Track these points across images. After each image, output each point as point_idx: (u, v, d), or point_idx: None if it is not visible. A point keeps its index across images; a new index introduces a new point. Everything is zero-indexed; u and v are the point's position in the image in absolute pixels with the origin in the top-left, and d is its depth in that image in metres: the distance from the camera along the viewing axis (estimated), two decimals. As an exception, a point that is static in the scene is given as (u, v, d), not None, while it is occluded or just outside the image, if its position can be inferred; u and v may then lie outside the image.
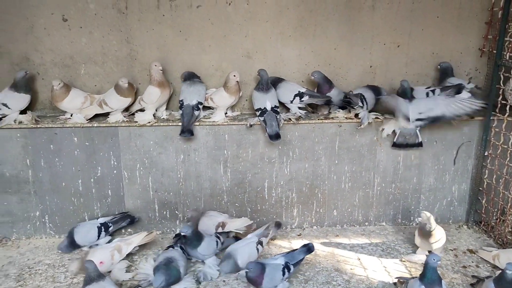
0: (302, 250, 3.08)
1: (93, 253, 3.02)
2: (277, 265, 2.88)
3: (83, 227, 3.35)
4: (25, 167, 3.40)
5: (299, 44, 3.57)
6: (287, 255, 3.02)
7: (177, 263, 2.89)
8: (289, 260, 2.95)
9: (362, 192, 3.71)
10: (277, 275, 2.84)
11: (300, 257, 3.03)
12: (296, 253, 3.06)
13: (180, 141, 3.47)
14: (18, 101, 3.30)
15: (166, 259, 2.90)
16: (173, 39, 3.48)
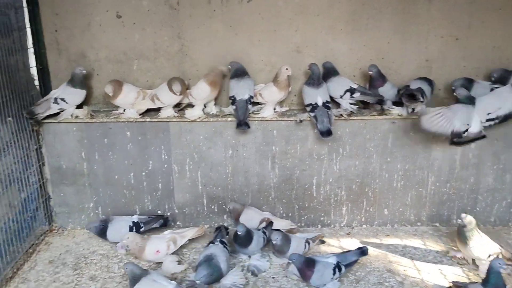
0: (356, 253, 3.02)
1: (151, 242, 3.10)
2: (328, 263, 2.84)
3: (117, 223, 3.36)
4: (80, 160, 3.53)
5: (350, 38, 3.48)
6: (340, 255, 2.97)
7: (217, 259, 2.85)
8: (341, 260, 2.90)
9: (415, 191, 3.57)
10: (327, 273, 2.81)
11: (352, 259, 2.97)
12: (349, 254, 3.00)
13: (229, 136, 3.47)
14: (75, 96, 3.41)
15: (206, 256, 2.88)
16: (224, 34, 3.49)
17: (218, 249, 2.96)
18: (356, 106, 3.42)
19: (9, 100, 3.09)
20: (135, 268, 2.71)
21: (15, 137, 3.18)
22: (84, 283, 2.97)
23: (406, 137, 3.44)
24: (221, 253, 2.93)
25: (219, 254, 2.91)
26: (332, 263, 2.85)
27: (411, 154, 3.48)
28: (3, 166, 3.02)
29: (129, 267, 2.70)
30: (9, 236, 3.05)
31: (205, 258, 2.88)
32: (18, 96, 3.21)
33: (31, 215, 3.40)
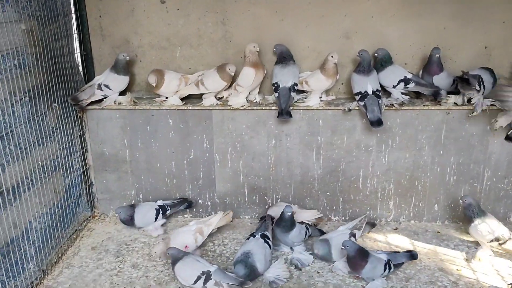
0: (405, 255, 2.89)
1: (176, 237, 3.04)
2: (380, 259, 2.74)
3: (143, 207, 3.40)
4: (123, 147, 3.51)
5: (403, 24, 3.29)
6: (390, 254, 2.86)
7: (253, 258, 2.75)
8: (391, 259, 2.79)
9: (469, 186, 3.38)
10: (379, 267, 2.71)
11: (401, 260, 2.86)
12: (399, 255, 2.88)
13: (272, 126, 3.37)
14: (119, 83, 3.38)
15: (243, 254, 2.79)
16: (269, 20, 3.37)
17: (256, 245, 2.86)
18: (408, 97, 3.24)
19: (54, 86, 3.09)
20: (177, 251, 2.75)
21: (60, 123, 3.18)
22: (126, 271, 2.96)
23: (461, 128, 3.24)
24: (259, 250, 2.82)
25: (256, 251, 2.80)
26: (384, 259, 2.75)
27: (466, 147, 3.28)
28: (49, 152, 3.03)
29: (171, 252, 2.73)
30: (54, 222, 3.07)
31: (242, 256, 2.79)
32: (63, 82, 3.21)
33: (75, 201, 3.42)
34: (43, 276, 2.86)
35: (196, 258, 2.74)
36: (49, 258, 2.96)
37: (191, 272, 2.65)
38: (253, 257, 2.76)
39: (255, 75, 3.28)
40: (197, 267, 2.67)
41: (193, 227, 3.15)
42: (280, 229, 3.04)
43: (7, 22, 2.56)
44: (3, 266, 2.49)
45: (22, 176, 2.69)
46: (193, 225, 3.18)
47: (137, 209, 3.37)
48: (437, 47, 3.19)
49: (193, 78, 3.44)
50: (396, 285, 2.77)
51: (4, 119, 2.55)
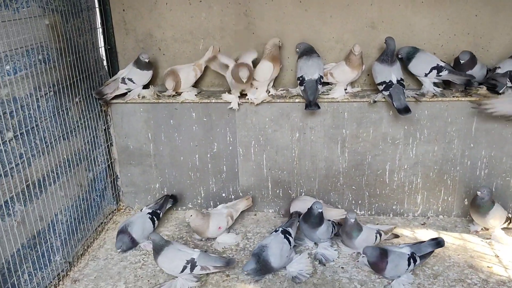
0: (431, 244, 2.79)
1: (214, 218, 3.14)
2: (402, 254, 2.66)
3: (137, 223, 3.13)
4: (147, 141, 3.52)
5: (432, 11, 3.18)
6: (414, 246, 2.77)
7: (267, 252, 2.71)
8: (415, 251, 2.70)
9: (501, 180, 3.25)
10: (402, 264, 2.63)
11: (427, 250, 2.76)
12: (424, 245, 2.78)
13: (296, 119, 3.32)
14: (142, 77, 3.39)
15: (259, 247, 2.77)
16: (292, 10, 3.30)
17: (275, 240, 2.80)
18: (440, 89, 3.12)
19: (79, 80, 3.11)
20: (159, 238, 2.76)
21: (85, 117, 3.21)
22: (150, 264, 2.97)
23: (493, 120, 3.11)
24: (276, 245, 2.77)
25: (272, 246, 2.75)
26: (407, 253, 2.66)
27: (498, 139, 3.15)
28: (74, 146, 3.06)
29: (153, 237, 2.76)
30: (79, 215, 3.11)
31: (257, 249, 2.77)
32: (88, 77, 3.23)
33: (100, 194, 3.45)
34: (69, 268, 2.90)
35: (177, 247, 2.77)
36: (75, 250, 3.01)
37: (176, 262, 2.70)
38: (268, 251, 2.72)
39: (273, 69, 3.23)
40: (181, 257, 2.71)
41: (224, 211, 3.22)
42: (308, 225, 2.99)
43: (31, 17, 2.59)
44: (30, 258, 2.54)
45: (48, 170, 2.73)
46: (223, 209, 3.26)
47: (130, 228, 3.09)
48: (465, 51, 3.07)
49: (205, 57, 3.42)
50: (424, 282, 2.69)
51: (29, 113, 2.58)
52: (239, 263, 2.90)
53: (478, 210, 3.04)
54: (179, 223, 3.48)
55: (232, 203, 3.37)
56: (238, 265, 2.88)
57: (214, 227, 3.10)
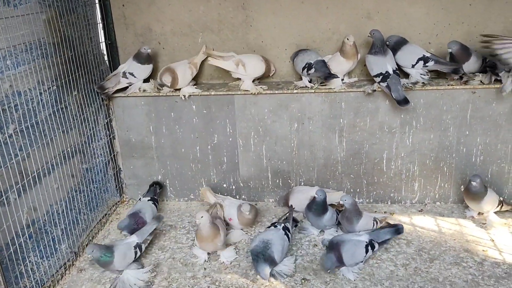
0: (390, 231, 2.90)
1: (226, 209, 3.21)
2: (358, 242, 2.73)
3: (146, 208, 3.28)
4: (148, 134, 3.59)
5: (427, 1, 3.22)
6: (373, 232, 2.85)
7: (272, 249, 2.69)
8: (374, 238, 2.78)
9: (497, 167, 3.31)
10: (358, 252, 2.70)
11: (386, 237, 2.86)
12: (383, 232, 2.88)
13: (294, 109, 3.38)
14: (142, 71, 3.44)
15: (263, 242, 2.74)
16: (289, 2, 3.35)
17: (276, 236, 2.80)
18: (428, 76, 3.17)
19: (81, 75, 3.17)
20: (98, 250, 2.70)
21: (86, 111, 3.27)
22: (154, 253, 3.05)
23: (488, 108, 3.17)
24: (278, 241, 2.76)
25: (275, 242, 2.74)
26: (364, 241, 2.73)
27: (493, 126, 3.21)
28: (76, 139, 3.12)
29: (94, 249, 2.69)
30: (83, 206, 3.18)
31: (261, 244, 2.72)
32: (89, 71, 3.29)
33: (103, 186, 3.52)
34: (75, 258, 2.98)
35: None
36: (80, 240, 3.08)
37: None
38: (272, 248, 2.71)
39: (264, 69, 3.41)
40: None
41: (237, 203, 3.24)
42: (313, 213, 3.05)
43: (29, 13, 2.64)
44: (36, 247, 2.61)
45: (48, 162, 2.79)
46: (235, 201, 3.30)
47: (142, 214, 3.23)
48: (453, 40, 3.10)
49: (199, 57, 3.48)
50: (420, 265, 2.77)
51: (33, 107, 2.65)
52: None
53: (473, 197, 3.12)
54: (181, 213, 3.56)
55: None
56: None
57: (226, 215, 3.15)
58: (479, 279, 2.62)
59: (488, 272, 2.68)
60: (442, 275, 2.68)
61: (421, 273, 2.71)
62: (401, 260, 2.82)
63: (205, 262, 2.90)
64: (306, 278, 2.72)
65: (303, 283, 2.68)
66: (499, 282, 2.59)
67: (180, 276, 2.80)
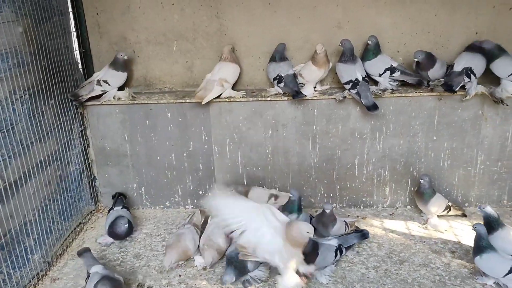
0: (356, 236, 2.99)
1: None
2: (330, 246, 2.81)
3: (126, 214, 3.27)
4: (123, 141, 3.59)
5: (394, 11, 3.33)
6: (340, 237, 2.94)
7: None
8: (342, 242, 2.87)
9: (463, 170, 3.43)
10: (329, 255, 2.78)
11: (353, 242, 2.96)
12: (350, 237, 2.97)
13: (269, 116, 3.44)
14: (117, 78, 3.45)
15: (236, 250, 2.71)
16: (262, 12, 3.42)
17: None
18: (396, 83, 3.28)
19: (54, 83, 3.16)
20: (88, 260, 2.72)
21: (60, 119, 3.25)
22: (129, 261, 3.05)
23: (454, 114, 3.29)
24: None
25: None
26: (334, 245, 2.82)
27: (459, 132, 3.33)
28: (49, 147, 3.11)
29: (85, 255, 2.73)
30: (57, 215, 3.16)
31: (235, 252, 2.71)
32: (63, 80, 3.29)
33: (78, 195, 3.51)
34: (48, 268, 2.96)
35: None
36: (53, 250, 3.06)
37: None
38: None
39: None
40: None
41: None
42: (288, 213, 3.05)
43: (5, 22, 2.64)
44: (8, 258, 2.59)
45: (24, 171, 2.78)
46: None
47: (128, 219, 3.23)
48: (419, 50, 3.19)
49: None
50: (391, 268, 2.85)
51: (6, 116, 2.64)
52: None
53: (422, 197, 3.25)
54: (157, 221, 3.56)
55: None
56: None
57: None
58: (446, 280, 2.72)
59: (454, 272, 2.78)
60: (411, 276, 2.76)
61: (391, 275, 2.79)
62: (372, 263, 2.90)
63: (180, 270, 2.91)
64: (280, 282, 2.76)
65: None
66: (465, 281, 2.69)
67: (155, 284, 2.81)
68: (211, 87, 3.34)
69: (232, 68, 3.43)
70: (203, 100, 3.30)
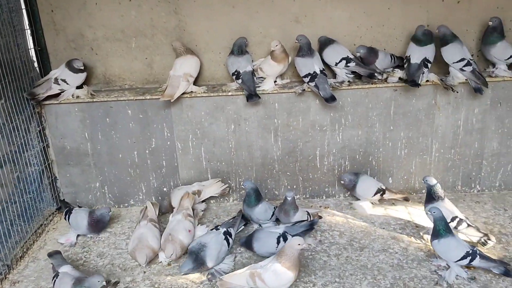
0: (305, 224, 3.05)
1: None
2: (271, 233, 2.88)
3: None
4: (84, 140, 3.54)
5: (350, 5, 3.41)
6: (289, 226, 3.00)
7: (205, 252, 2.75)
8: (288, 231, 2.93)
9: (419, 158, 3.56)
10: (270, 242, 2.85)
11: (300, 230, 2.99)
12: (298, 226, 3.02)
13: (231, 111, 3.46)
14: (76, 79, 3.39)
15: (198, 244, 2.81)
16: (221, 7, 3.43)
17: (215, 241, 2.83)
18: (352, 75, 3.38)
19: (8, 82, 3.08)
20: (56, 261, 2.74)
21: (16, 119, 3.18)
22: (92, 260, 3.03)
23: (409, 104, 3.41)
24: (215, 246, 2.80)
25: (211, 246, 2.79)
26: (278, 232, 2.88)
27: (414, 121, 3.46)
28: (7, 148, 3.04)
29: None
30: (17, 217, 3.10)
31: (196, 246, 2.80)
32: (18, 79, 3.21)
33: (38, 196, 3.44)
34: (8, 271, 2.90)
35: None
36: (13, 253, 3.00)
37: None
38: (206, 251, 2.76)
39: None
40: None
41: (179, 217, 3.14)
42: (246, 204, 3.19)
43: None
44: (-35, 262, 2.53)
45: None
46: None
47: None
48: (360, 45, 3.34)
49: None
50: (351, 254, 2.93)
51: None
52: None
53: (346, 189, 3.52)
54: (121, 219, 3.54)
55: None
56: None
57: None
58: (404, 263, 2.83)
59: (411, 256, 2.89)
60: (370, 262, 2.86)
61: (352, 261, 2.87)
62: (334, 251, 2.98)
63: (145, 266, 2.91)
64: (244, 274, 2.80)
65: (241, 279, 2.76)
66: (421, 264, 2.81)
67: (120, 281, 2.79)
68: (177, 83, 3.33)
69: (194, 62, 3.44)
70: (172, 98, 3.29)
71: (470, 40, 3.44)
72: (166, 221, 3.22)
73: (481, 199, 3.53)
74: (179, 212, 3.16)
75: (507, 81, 3.32)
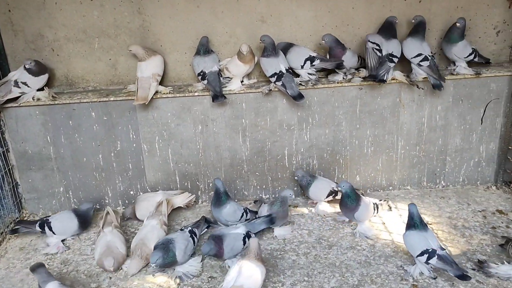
0: (264, 221, 3.06)
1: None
2: (237, 235, 2.86)
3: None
4: (46, 144, 3.44)
5: (315, 5, 3.43)
6: (249, 224, 3.00)
7: (174, 245, 2.74)
8: (250, 229, 2.94)
9: (386, 156, 3.61)
10: (237, 244, 2.83)
11: (261, 227, 3.02)
12: (258, 223, 3.04)
13: (198, 112, 3.43)
14: (36, 81, 3.30)
15: (166, 240, 2.79)
16: (185, 7, 3.39)
17: (181, 237, 2.84)
18: (315, 76, 3.39)
19: (-37, 85, 2.96)
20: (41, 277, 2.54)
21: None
22: (56, 267, 2.93)
23: (374, 102, 3.45)
24: (181, 241, 2.81)
25: (178, 241, 2.79)
26: (242, 233, 2.87)
27: (380, 119, 3.50)
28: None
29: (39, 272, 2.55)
30: (-25, 225, 2.98)
31: (163, 241, 2.78)
32: (-26, 81, 3.09)
33: (-1, 203, 3.32)
34: (-34, 281, 2.78)
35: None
36: (-28, 262, 2.88)
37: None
38: (174, 244, 2.75)
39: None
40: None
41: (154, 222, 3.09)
42: (213, 205, 3.19)
43: None
44: None
45: None
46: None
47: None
48: (326, 34, 3.35)
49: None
50: (320, 253, 2.95)
51: None
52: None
53: (303, 188, 3.49)
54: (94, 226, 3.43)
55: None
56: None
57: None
58: (371, 260, 2.86)
59: (379, 252, 2.92)
60: (339, 259, 2.88)
61: (320, 259, 2.89)
62: (303, 250, 2.99)
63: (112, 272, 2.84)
64: (213, 276, 2.78)
65: (209, 281, 2.73)
66: (388, 260, 2.84)
67: (84, 289, 2.73)
68: (148, 84, 3.28)
69: (159, 61, 3.39)
70: (147, 100, 3.25)
71: (432, 39, 3.51)
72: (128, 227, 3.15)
73: (445, 194, 3.60)
74: (155, 217, 3.10)
75: (467, 79, 3.40)
